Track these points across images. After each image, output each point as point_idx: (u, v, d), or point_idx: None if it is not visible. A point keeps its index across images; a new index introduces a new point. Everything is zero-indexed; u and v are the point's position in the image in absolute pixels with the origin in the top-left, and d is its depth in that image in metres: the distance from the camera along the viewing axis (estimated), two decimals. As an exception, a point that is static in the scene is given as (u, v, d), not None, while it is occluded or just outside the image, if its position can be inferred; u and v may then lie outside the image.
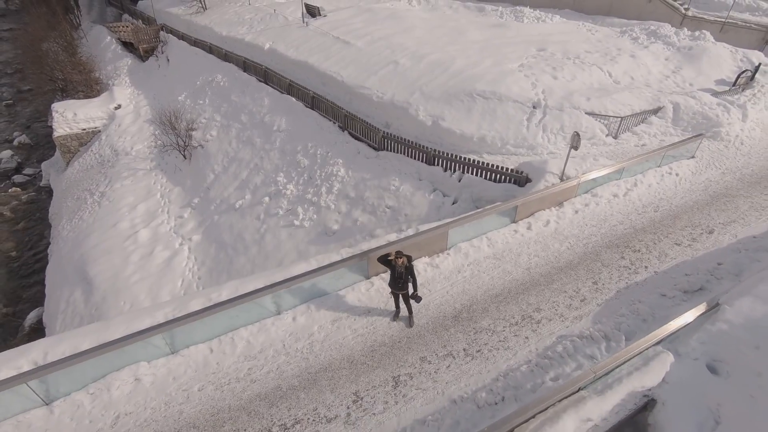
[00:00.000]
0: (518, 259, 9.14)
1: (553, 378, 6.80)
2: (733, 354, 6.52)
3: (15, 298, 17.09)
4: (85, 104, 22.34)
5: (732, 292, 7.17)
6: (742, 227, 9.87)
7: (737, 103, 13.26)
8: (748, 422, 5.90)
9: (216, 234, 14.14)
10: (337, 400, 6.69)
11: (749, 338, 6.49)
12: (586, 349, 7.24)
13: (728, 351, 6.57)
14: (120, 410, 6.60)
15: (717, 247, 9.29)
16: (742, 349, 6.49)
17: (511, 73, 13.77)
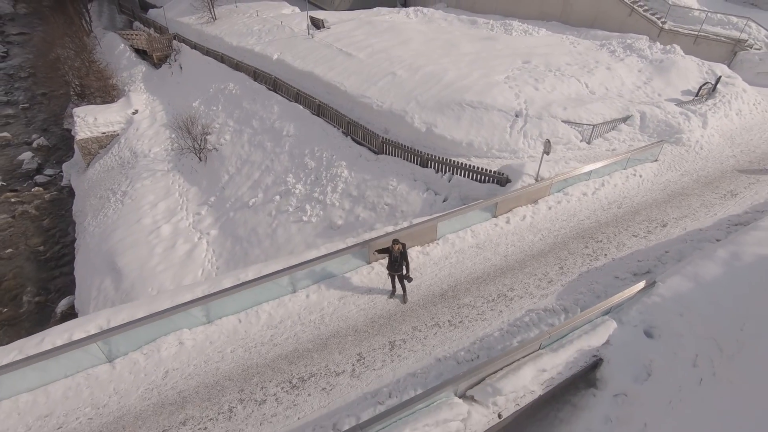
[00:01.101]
0: (497, 248, 10.67)
1: (519, 341, 8.34)
2: (664, 321, 8.06)
3: (45, 288, 18.63)
4: (104, 109, 23.88)
5: (666, 273, 8.72)
6: (692, 221, 11.40)
7: (698, 112, 14.81)
8: (671, 373, 7.45)
9: (232, 229, 15.68)
10: (344, 359, 8.22)
11: (676, 308, 8.03)
12: (549, 320, 8.78)
13: (660, 318, 8.12)
14: (168, 366, 8.13)
15: (668, 238, 10.82)
16: (670, 316, 8.03)
17: (497, 85, 15.32)
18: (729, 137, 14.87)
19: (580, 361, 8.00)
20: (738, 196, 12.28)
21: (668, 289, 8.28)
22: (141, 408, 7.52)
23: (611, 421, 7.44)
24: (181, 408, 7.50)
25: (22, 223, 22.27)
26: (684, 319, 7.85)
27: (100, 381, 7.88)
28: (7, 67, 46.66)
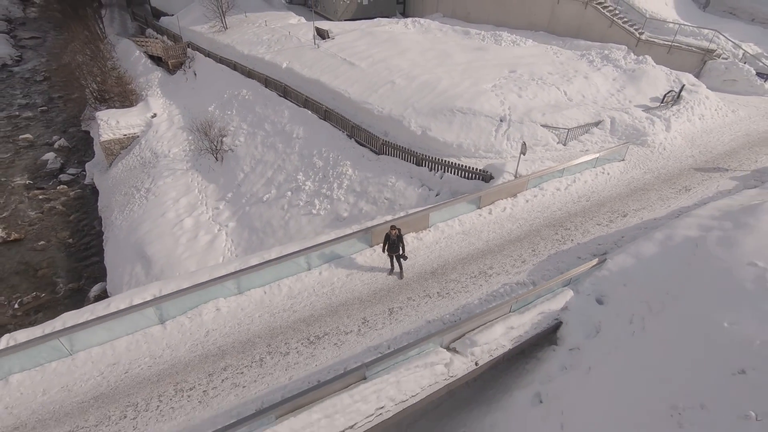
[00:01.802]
0: (480, 234, 12.49)
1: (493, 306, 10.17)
2: (611, 290, 9.90)
3: (77, 276, 20.44)
4: (125, 113, 25.70)
5: (614, 251, 10.56)
6: (649, 212, 13.21)
7: (663, 117, 16.63)
8: (613, 330, 9.28)
9: (248, 221, 17.51)
10: (351, 322, 10.05)
11: (620, 279, 9.86)
12: (520, 291, 10.61)
13: (608, 288, 9.95)
14: (209, 327, 9.96)
15: (626, 226, 12.63)
16: (616, 286, 9.86)
17: (484, 93, 17.14)
18: (690, 139, 16.70)
19: (544, 323, 9.83)
20: (691, 190, 14.10)
21: (615, 265, 10.12)
22: (189, 358, 9.36)
23: (566, 368, 9.28)
24: (221, 358, 9.34)
25: (50, 218, 24.11)
26: (626, 288, 9.69)
27: (155, 338, 9.72)
28: (22, 71, 48.49)
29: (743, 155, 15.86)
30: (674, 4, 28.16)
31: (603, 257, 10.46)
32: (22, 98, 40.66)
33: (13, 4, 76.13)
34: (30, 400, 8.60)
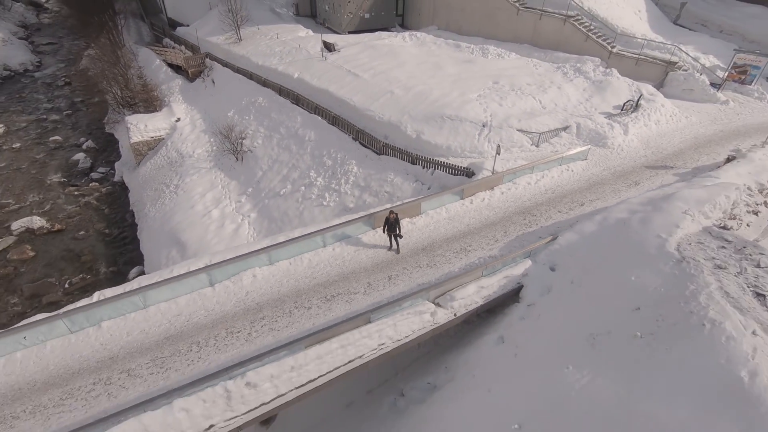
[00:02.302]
0: (462, 219, 15.27)
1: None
2: (560, 260, 12.68)
3: (115, 261, 23.23)
4: (152, 117, 28.49)
5: (564, 230, 13.37)
6: (602, 202, 15.96)
7: (622, 122, 19.40)
8: (559, 288, 12.05)
9: (267, 212, 20.29)
10: (358, 286, 12.83)
11: (568, 252, 12.65)
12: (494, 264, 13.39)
13: (558, 258, 12.73)
14: (248, 289, 12.74)
15: (582, 213, 15.39)
16: (564, 257, 12.64)
17: (470, 102, 19.92)
18: (645, 141, 19.47)
19: (508, 285, 12.62)
20: (640, 184, 16.88)
21: (564, 240, 12.92)
22: (234, 311, 12.15)
23: (523, 318, 12.06)
24: (259, 311, 12.12)
25: (87, 212, 26.91)
26: (571, 257, 12.47)
27: (207, 296, 12.51)
28: (43, 76, 51.21)
29: (688, 155, 18.64)
30: (647, 18, 30.95)
31: (555, 235, 13.27)
32: (46, 102, 43.40)
33: (27, 10, 78.79)
34: (118, 340, 11.40)
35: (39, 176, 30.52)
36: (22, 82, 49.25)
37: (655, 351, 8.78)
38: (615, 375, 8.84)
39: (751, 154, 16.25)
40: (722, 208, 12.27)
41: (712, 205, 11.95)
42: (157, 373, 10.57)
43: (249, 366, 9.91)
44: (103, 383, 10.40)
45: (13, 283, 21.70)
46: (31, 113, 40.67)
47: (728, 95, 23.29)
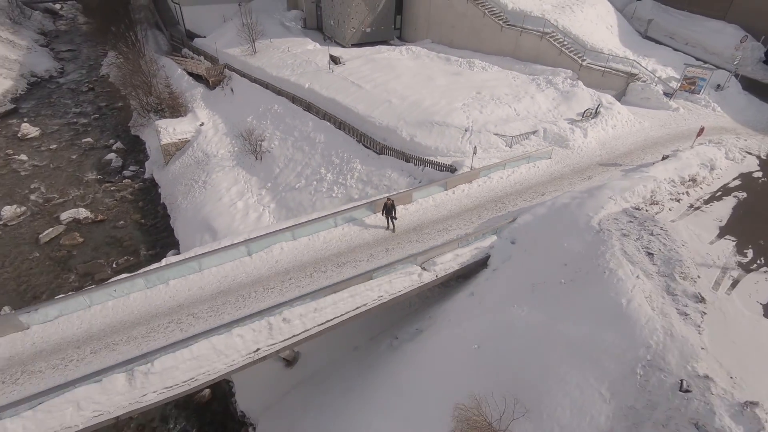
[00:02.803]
0: (446, 206, 18.89)
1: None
2: (518, 235, 16.34)
3: (152, 246, 26.84)
4: (179, 121, 32.14)
5: (522, 213, 17.05)
6: (558, 192, 19.61)
7: (582, 127, 23.04)
8: (516, 257, 15.72)
9: (285, 203, 23.94)
10: (362, 255, 16.47)
11: (524, 229, 16.31)
12: (467, 238, 17.06)
13: (517, 234, 16.39)
14: (277, 258, 16.40)
15: (541, 201, 19.04)
16: (521, 233, 16.31)
17: (455, 110, 23.57)
18: (602, 143, 23.11)
19: (479, 255, 16.29)
20: (592, 178, 20.52)
21: (522, 221, 16.59)
22: (268, 275, 15.79)
23: (488, 279, 15.74)
24: (287, 274, 15.78)
25: (123, 205, 30.57)
26: (526, 233, 16.15)
27: (246, 263, 16.16)
28: (68, 82, 54.77)
29: (636, 155, 22.29)
30: (618, 33, 34.57)
31: (516, 217, 16.96)
32: (74, 107, 46.94)
33: (45, 17, 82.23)
34: (182, 294, 15.06)
35: (77, 174, 34.19)
36: (49, 87, 52.81)
37: (572, 291, 12.48)
38: (544, 308, 12.53)
39: (680, 154, 19.92)
40: (641, 195, 15.94)
41: (632, 193, 15.63)
42: (214, 316, 14.24)
43: (284, 307, 13.62)
44: (175, 322, 14.08)
45: (68, 263, 25.38)
46: (62, 117, 44.26)
47: (679, 103, 26.93)
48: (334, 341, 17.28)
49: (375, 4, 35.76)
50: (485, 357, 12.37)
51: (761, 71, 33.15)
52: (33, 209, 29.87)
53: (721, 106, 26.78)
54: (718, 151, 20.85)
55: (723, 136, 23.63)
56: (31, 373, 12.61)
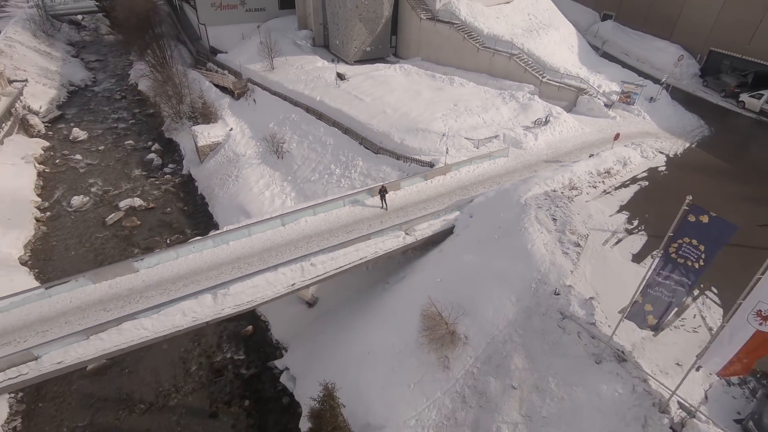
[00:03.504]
0: (425, 192, 25.30)
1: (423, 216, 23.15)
2: (475, 211, 22.82)
3: (196, 227, 33.31)
4: (211, 127, 38.60)
5: (478, 195, 23.56)
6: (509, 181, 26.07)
7: (534, 132, 29.52)
8: (472, 225, 22.22)
9: (303, 192, 30.40)
10: (364, 225, 22.91)
11: (478, 206, 22.79)
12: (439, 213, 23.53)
13: (474, 210, 22.87)
14: (303, 228, 22.87)
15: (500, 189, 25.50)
16: (477, 209, 22.80)
17: (435, 119, 30.02)
18: (549, 145, 29.54)
19: (447, 225, 22.78)
20: (537, 172, 26.98)
21: (477, 201, 23.07)
22: (297, 238, 22.25)
23: (452, 240, 22.23)
24: (311, 238, 22.27)
25: (167, 195, 37.08)
26: (480, 209, 22.63)
27: (281, 231, 22.64)
28: (102, 91, 61.22)
29: (574, 154, 28.70)
30: (578, 52, 40.95)
31: (473, 198, 23.47)
32: (112, 113, 53.38)
33: (71, 29, 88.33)
34: (238, 250, 21.53)
35: (125, 171, 40.70)
36: (86, 95, 59.19)
37: (500, 242, 19.01)
38: (483, 254, 19.05)
39: (602, 153, 26.42)
40: (560, 182, 22.44)
41: (552, 180, 22.13)
42: (262, 264, 20.72)
43: (311, 257, 20.13)
44: (237, 268, 20.52)
45: (131, 240, 31.89)
46: (103, 122, 50.69)
47: (617, 112, 33.36)
48: (342, 288, 23.81)
49: (374, 27, 42.22)
50: (444, 285, 18.87)
51: (694, 85, 39.68)
52: (95, 199, 36.43)
53: (650, 115, 33.19)
54: (634, 151, 27.38)
55: (645, 139, 30.08)
56: (146, 297, 19.12)
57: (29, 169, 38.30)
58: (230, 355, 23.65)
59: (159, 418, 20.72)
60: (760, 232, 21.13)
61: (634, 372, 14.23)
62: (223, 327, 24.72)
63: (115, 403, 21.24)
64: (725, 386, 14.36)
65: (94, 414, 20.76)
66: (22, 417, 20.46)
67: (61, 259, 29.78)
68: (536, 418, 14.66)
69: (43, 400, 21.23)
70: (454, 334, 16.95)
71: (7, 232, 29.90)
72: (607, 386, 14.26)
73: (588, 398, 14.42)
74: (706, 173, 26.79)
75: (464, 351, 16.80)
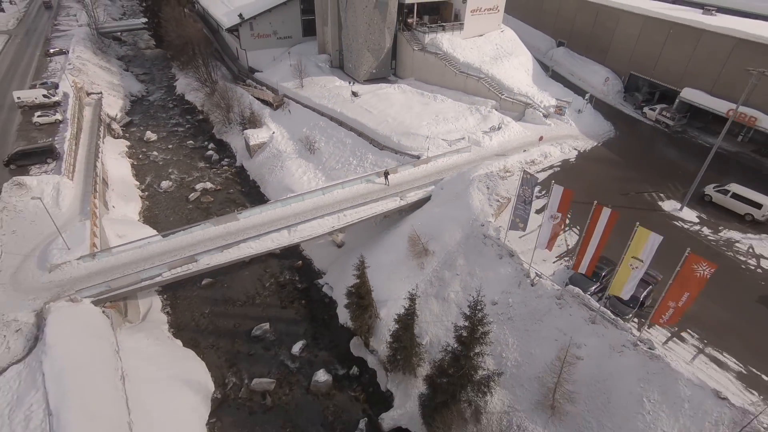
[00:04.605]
0: (414, 174, 38.26)
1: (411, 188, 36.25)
2: (444, 185, 35.95)
3: (252, 202, 46.24)
4: (258, 131, 51.56)
5: (446, 177, 36.69)
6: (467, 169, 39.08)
7: (490, 135, 42.52)
8: (442, 195, 35.34)
9: (330, 176, 43.35)
10: (375, 194, 36.01)
11: (446, 183, 35.90)
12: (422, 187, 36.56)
13: (444, 185, 35.98)
14: (336, 196, 35.95)
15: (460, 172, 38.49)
16: (445, 185, 35.90)
17: (422, 126, 43.01)
18: (500, 144, 42.51)
19: (426, 194, 35.89)
20: (488, 163, 40.05)
21: (445, 179, 36.19)
22: (332, 202, 35.33)
23: (429, 203, 35.34)
24: (342, 202, 35.35)
25: (227, 181, 50.13)
26: (447, 185, 35.73)
27: (323, 198, 35.72)
28: (156, 100, 74.13)
29: (517, 150, 41.69)
30: (532, 74, 53.83)
31: (443, 178, 36.58)
32: (169, 119, 66.34)
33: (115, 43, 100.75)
34: (299, 209, 34.62)
35: (192, 163, 53.73)
36: (144, 104, 72.09)
37: (456, 201, 32.20)
38: (445, 208, 32.24)
39: (531, 149, 39.52)
40: (498, 167, 35.52)
41: (491, 166, 35.23)
42: (313, 215, 33.80)
43: (342, 211, 33.30)
44: (298, 218, 33.65)
45: (209, 211, 44.87)
46: (164, 126, 63.63)
47: (552, 121, 46.29)
48: (361, 235, 36.89)
49: (378, 55, 55.22)
50: (422, 225, 32.00)
51: (617, 99, 52.61)
52: (176, 183, 49.53)
53: (576, 123, 46.17)
54: (555, 148, 40.46)
55: (567, 139, 43.12)
56: (245, 234, 32.21)
57: (125, 162, 51.50)
58: (289, 277, 36.75)
59: (250, 309, 33.80)
60: (621, 198, 34.18)
61: (516, 261, 27.37)
62: (282, 261, 37.80)
63: (221, 301, 34.35)
64: (566, 269, 27.47)
65: (210, 307, 33.86)
66: (169, 306, 33.62)
67: (166, 222, 42.90)
68: (468, 289, 27.73)
69: (179, 299, 34.38)
70: (426, 250, 30.10)
71: (128, 203, 43.08)
72: (503, 269, 27.40)
73: (495, 275, 27.55)
74: (601, 162, 39.92)
75: (432, 258, 29.95)
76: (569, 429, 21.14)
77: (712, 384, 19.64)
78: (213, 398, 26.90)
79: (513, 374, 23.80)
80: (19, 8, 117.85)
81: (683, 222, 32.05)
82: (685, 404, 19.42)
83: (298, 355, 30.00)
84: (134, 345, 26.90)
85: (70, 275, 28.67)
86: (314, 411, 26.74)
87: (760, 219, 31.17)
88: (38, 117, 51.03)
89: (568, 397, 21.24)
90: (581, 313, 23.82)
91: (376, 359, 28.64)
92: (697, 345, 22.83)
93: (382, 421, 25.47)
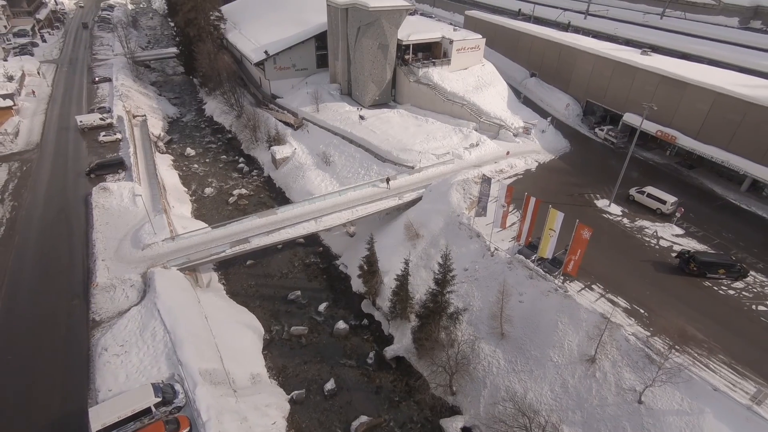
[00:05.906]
0: (409, 180, 48.99)
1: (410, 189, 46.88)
2: (433, 189, 46.62)
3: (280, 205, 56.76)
4: (282, 147, 62.33)
5: (434, 182, 47.40)
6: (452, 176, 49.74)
7: (470, 150, 53.29)
8: (430, 196, 46.00)
9: (343, 183, 54.01)
10: (378, 196, 46.61)
11: (433, 187, 46.59)
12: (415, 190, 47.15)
13: (432, 188, 46.65)
14: (350, 196, 46.56)
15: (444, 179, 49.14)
16: (433, 188, 46.57)
17: (416, 143, 53.74)
18: (477, 157, 53.11)
19: (419, 195, 46.54)
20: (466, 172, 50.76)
21: (433, 184, 46.86)
22: (347, 201, 45.98)
23: (421, 202, 45.97)
24: (354, 201, 45.97)
25: (258, 188, 60.75)
26: (434, 189, 46.41)
27: (339, 198, 46.38)
28: (189, 121, 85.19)
29: (489, 162, 52.45)
30: (507, 101, 64.88)
31: (431, 183, 47.28)
32: (202, 138, 77.28)
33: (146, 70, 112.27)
34: (322, 206, 45.22)
35: (227, 174, 64.40)
36: (179, 125, 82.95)
37: (439, 199, 42.90)
38: (432, 204, 42.90)
39: (500, 161, 50.34)
40: (472, 175, 46.24)
41: (467, 174, 45.94)
42: (333, 210, 44.37)
43: (355, 207, 43.96)
44: (322, 212, 44.24)
45: (246, 211, 55.35)
46: (199, 144, 74.54)
47: (521, 139, 57.14)
48: (369, 228, 47.35)
49: (381, 85, 66.54)
50: (414, 217, 42.60)
51: (576, 122, 63.62)
52: (216, 190, 60.18)
53: (540, 141, 57.03)
54: (520, 161, 51.30)
55: (530, 154, 53.94)
56: (283, 224, 42.74)
57: (174, 172, 62.28)
58: (313, 259, 47.06)
59: (284, 282, 44.05)
60: (566, 197, 44.79)
61: (482, 240, 37.89)
62: (307, 248, 48.16)
63: (262, 276, 44.63)
64: (516, 245, 37.94)
65: (254, 280, 44.15)
66: (224, 279, 43.96)
67: (212, 219, 53.27)
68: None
69: (230, 274, 44.69)
70: (417, 234, 40.64)
71: (182, 204, 53.69)
72: (472, 246, 37.91)
73: (467, 251, 38.02)
74: (556, 171, 50.71)
75: (422, 240, 40.46)
76: (512, 345, 31.34)
77: (600, 311, 29.96)
78: (263, 339, 37.03)
79: (477, 316, 34.05)
80: (57, 38, 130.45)
81: (610, 214, 42.60)
82: (583, 323, 29.69)
83: (323, 312, 40.22)
84: (207, 300, 37.17)
85: (157, 252, 39.10)
86: (336, 348, 36.86)
87: (666, 212, 41.72)
88: (103, 136, 62.14)
89: (511, 323, 31.49)
90: (524, 273, 34.19)
91: (381, 314, 38.87)
92: (601, 292, 33.14)
93: (385, 353, 35.55)
